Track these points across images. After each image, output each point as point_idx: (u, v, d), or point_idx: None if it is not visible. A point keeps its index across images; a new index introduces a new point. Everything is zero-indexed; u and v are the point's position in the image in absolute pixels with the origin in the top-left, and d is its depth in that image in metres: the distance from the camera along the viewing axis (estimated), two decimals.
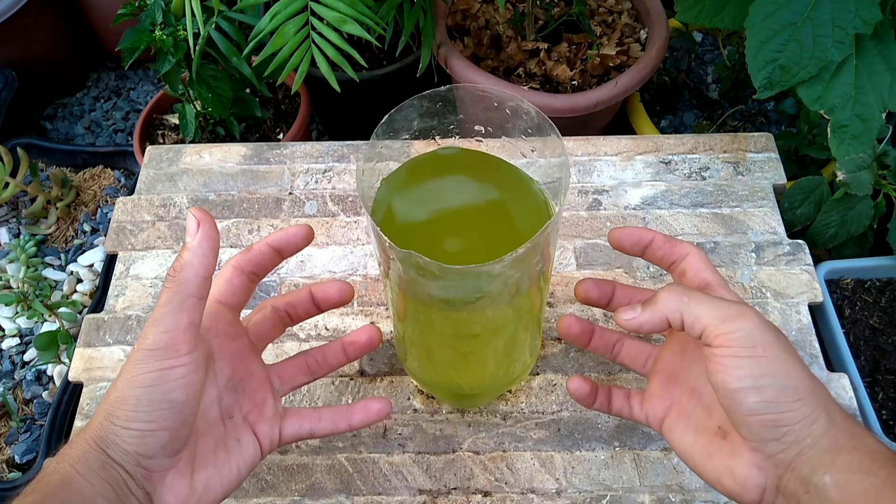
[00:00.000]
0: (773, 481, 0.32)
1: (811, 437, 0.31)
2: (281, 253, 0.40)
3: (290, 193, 0.62)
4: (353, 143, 0.65)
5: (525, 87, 0.89)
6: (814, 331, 0.53)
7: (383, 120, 0.38)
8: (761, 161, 0.62)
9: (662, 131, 0.97)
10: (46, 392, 0.82)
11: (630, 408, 0.40)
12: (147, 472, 0.33)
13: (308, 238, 0.40)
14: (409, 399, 0.51)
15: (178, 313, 0.33)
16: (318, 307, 0.43)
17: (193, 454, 0.35)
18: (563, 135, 0.38)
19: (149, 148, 0.66)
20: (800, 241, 0.57)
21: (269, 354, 0.53)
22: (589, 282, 0.41)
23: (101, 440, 0.32)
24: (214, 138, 0.94)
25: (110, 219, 0.64)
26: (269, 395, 0.39)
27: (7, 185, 0.93)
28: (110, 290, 0.57)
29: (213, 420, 0.37)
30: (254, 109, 0.91)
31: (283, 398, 0.48)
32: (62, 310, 0.84)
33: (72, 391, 0.77)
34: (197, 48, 0.79)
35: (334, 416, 0.40)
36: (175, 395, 0.32)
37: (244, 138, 0.96)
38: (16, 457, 0.76)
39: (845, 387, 0.50)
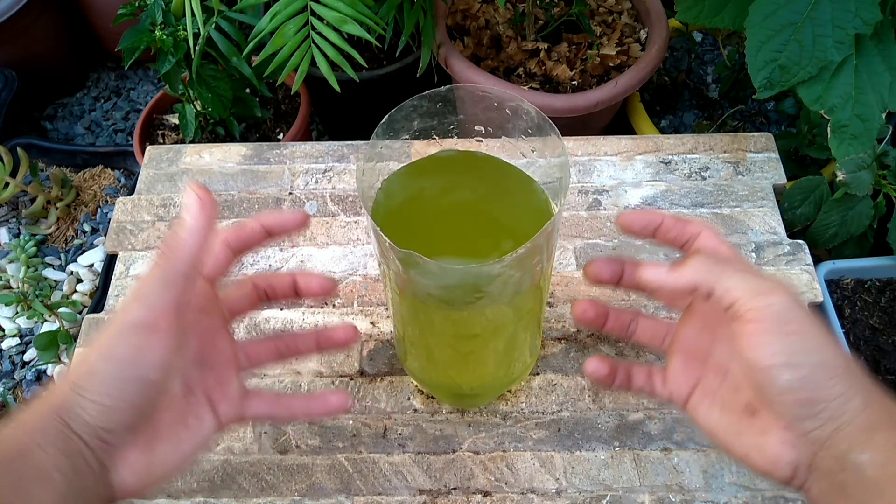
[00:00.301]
0: (806, 459, 0.31)
1: (847, 415, 0.30)
2: (271, 234, 0.39)
3: (290, 193, 0.62)
4: (353, 143, 0.65)
5: (525, 87, 0.89)
6: None
7: (383, 120, 0.38)
8: (761, 161, 0.62)
9: (662, 131, 0.97)
10: None
11: (652, 386, 0.39)
12: (106, 445, 0.32)
13: (301, 225, 0.39)
14: (409, 399, 0.51)
15: (166, 291, 0.32)
16: (297, 294, 0.41)
17: (154, 429, 0.34)
18: (563, 135, 0.38)
19: (149, 148, 0.66)
20: (800, 241, 0.57)
21: None
22: (599, 262, 0.38)
23: (63, 410, 0.31)
24: (214, 138, 0.94)
25: (110, 219, 0.64)
26: (233, 373, 0.38)
27: (7, 185, 0.93)
28: (110, 290, 0.57)
29: (175, 395, 0.35)
30: (254, 109, 0.91)
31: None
32: (62, 310, 0.84)
33: None
34: (197, 48, 0.79)
35: (293, 404, 0.40)
36: (148, 375, 0.31)
37: (244, 138, 0.96)
38: None
39: None
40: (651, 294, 0.38)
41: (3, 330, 0.87)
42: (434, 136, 0.43)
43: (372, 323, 0.54)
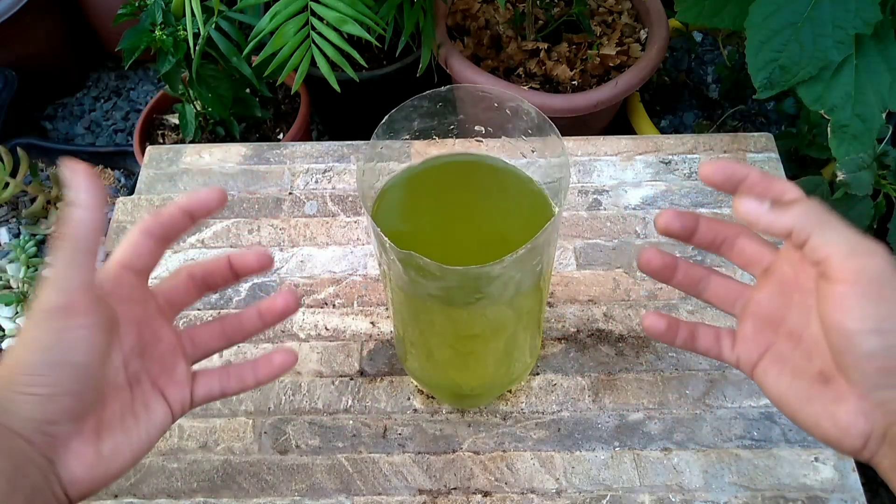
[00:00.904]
0: (880, 430, 0.31)
1: None
2: (192, 216, 0.38)
3: (290, 193, 0.62)
4: (353, 143, 0.65)
5: (525, 87, 0.89)
6: None
7: (383, 120, 0.38)
8: (761, 161, 0.62)
9: (662, 131, 0.97)
10: None
11: (720, 349, 0.37)
12: (50, 438, 0.31)
13: (220, 201, 0.38)
14: (409, 399, 0.51)
15: (75, 272, 0.31)
16: (236, 274, 0.40)
17: (100, 420, 0.34)
18: (563, 135, 0.38)
19: (149, 148, 0.66)
20: None
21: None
22: (671, 212, 0.36)
23: None
24: (214, 138, 0.94)
25: (110, 219, 0.64)
26: (179, 359, 0.38)
27: (7, 185, 0.93)
28: None
29: (119, 386, 0.35)
30: (254, 109, 0.91)
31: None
32: None
33: None
34: (197, 48, 0.79)
35: (240, 372, 0.39)
36: (77, 357, 0.31)
37: (244, 138, 0.97)
38: None
39: None
40: (719, 250, 0.37)
41: (3, 330, 0.87)
42: (434, 137, 0.43)
43: (372, 323, 0.54)
